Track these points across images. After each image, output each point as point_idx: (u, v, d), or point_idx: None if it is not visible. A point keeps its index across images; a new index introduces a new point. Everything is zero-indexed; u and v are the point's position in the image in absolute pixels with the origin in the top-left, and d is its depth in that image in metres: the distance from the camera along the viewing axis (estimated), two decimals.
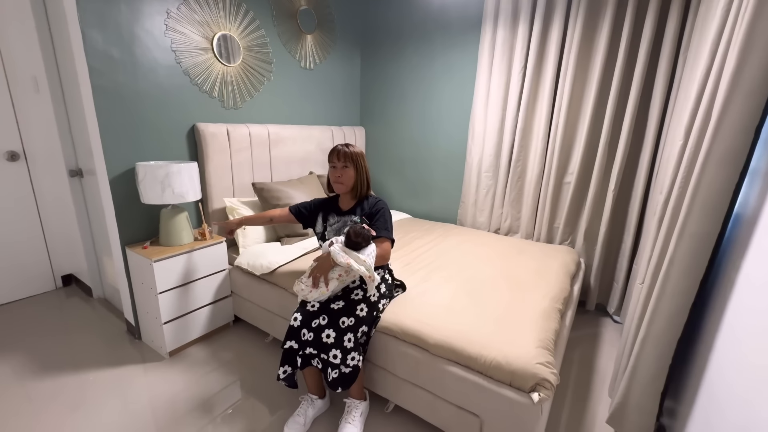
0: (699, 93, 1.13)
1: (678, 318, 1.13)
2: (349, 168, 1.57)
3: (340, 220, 1.63)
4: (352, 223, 1.58)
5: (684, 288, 1.10)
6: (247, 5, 2.22)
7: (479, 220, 2.79)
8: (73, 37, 1.66)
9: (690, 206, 1.03)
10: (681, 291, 1.10)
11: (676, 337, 1.16)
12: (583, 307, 2.48)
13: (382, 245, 1.55)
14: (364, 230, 1.48)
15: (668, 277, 1.11)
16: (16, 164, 2.30)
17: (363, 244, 1.48)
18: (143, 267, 1.80)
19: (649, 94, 2.09)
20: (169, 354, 1.90)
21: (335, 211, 1.68)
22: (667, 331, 1.15)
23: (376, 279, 1.44)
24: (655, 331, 1.18)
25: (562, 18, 2.21)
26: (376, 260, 1.49)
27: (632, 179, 2.24)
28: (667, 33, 1.95)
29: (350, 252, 1.45)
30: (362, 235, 1.47)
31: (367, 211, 1.61)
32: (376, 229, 1.55)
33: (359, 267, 1.40)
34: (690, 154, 1.08)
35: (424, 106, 2.94)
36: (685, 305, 1.11)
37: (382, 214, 1.60)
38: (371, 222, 1.58)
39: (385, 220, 1.60)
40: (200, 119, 2.11)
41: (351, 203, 1.66)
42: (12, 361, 1.82)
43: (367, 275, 1.41)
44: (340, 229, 1.60)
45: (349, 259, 1.41)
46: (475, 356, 1.28)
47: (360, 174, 1.60)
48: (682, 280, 1.09)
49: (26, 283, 2.45)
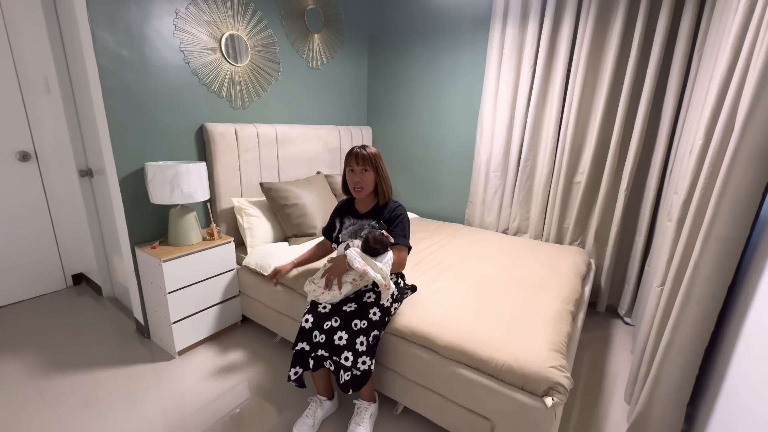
0: (722, 90, 1.10)
1: (704, 325, 1.09)
2: (369, 171, 1.53)
3: (356, 223, 1.59)
4: (370, 227, 1.54)
5: (710, 294, 1.06)
6: (254, 5, 2.22)
7: (487, 220, 2.77)
8: (84, 38, 1.67)
9: (716, 208, 1.00)
10: (707, 297, 1.07)
11: (703, 345, 1.12)
12: (593, 309, 2.45)
13: (399, 253, 1.52)
14: (383, 237, 1.44)
15: (693, 282, 1.07)
16: (27, 164, 2.33)
17: (381, 251, 1.44)
18: (152, 267, 1.80)
19: (663, 92, 2.05)
20: (178, 353, 1.90)
21: (351, 213, 1.64)
22: (693, 339, 1.11)
23: (392, 288, 1.41)
24: (681, 338, 1.14)
25: (572, 15, 2.18)
26: (392, 267, 1.46)
27: (644, 179, 2.20)
28: (682, 29, 1.91)
29: (367, 258, 1.41)
30: (381, 242, 1.43)
31: (386, 216, 1.57)
32: (394, 235, 1.51)
33: (376, 275, 1.37)
34: (714, 154, 1.05)
35: (432, 104, 2.92)
36: (712, 312, 1.07)
37: (401, 220, 1.56)
38: (389, 228, 1.54)
39: (404, 227, 1.56)
40: (209, 119, 2.11)
41: (369, 206, 1.61)
42: (25, 360, 1.84)
43: (383, 284, 1.37)
44: (357, 232, 1.57)
45: (366, 266, 1.37)
46: (486, 359, 1.26)
47: (381, 176, 1.55)
48: (708, 285, 1.06)
49: (38, 282, 2.48)
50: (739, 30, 1.07)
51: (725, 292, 1.08)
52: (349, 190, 1.60)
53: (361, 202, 1.64)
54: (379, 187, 1.56)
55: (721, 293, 1.08)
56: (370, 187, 1.56)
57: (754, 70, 0.92)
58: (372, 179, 1.54)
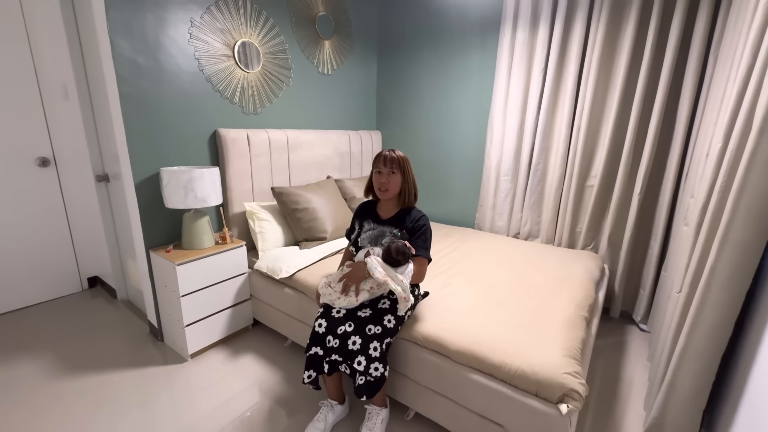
0: (740, 93, 1.08)
1: (721, 331, 1.07)
2: (396, 174, 1.50)
3: (377, 228, 1.55)
4: (392, 235, 1.50)
5: (727, 299, 1.04)
6: (267, 12, 2.26)
7: (498, 224, 2.75)
8: (102, 46, 1.71)
9: (733, 212, 0.98)
10: (724, 302, 1.04)
11: (720, 351, 1.09)
12: (607, 314, 2.41)
13: (420, 265, 1.49)
14: (406, 248, 1.41)
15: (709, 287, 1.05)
16: (46, 170, 2.39)
17: (402, 263, 1.42)
18: (166, 270, 1.83)
19: (677, 94, 2.02)
20: (191, 356, 1.92)
21: (372, 216, 1.60)
22: (709, 345, 1.09)
23: (411, 300, 1.38)
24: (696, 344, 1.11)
25: (584, 18, 2.16)
26: (413, 277, 1.44)
27: (659, 183, 2.16)
28: (696, 31, 1.88)
29: (388, 268, 1.39)
30: (403, 254, 1.41)
31: (409, 225, 1.52)
32: (416, 246, 1.47)
33: (396, 287, 1.34)
34: (731, 157, 1.03)
35: (441, 108, 2.92)
36: (730, 317, 1.05)
37: (424, 231, 1.52)
38: (411, 237, 1.51)
39: (426, 238, 1.52)
40: (221, 125, 2.14)
41: (392, 212, 1.57)
42: (42, 361, 1.88)
43: (403, 296, 1.35)
44: (377, 238, 1.53)
45: (387, 277, 1.35)
46: (499, 364, 1.25)
47: (407, 181, 1.51)
48: (724, 290, 1.04)
49: (55, 285, 2.53)
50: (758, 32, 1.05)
51: (743, 297, 1.05)
52: (373, 191, 1.57)
53: (384, 207, 1.60)
54: (402, 191, 1.52)
55: (738, 298, 1.05)
56: (395, 190, 1.52)
57: None
58: (398, 182, 1.50)
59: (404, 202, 1.54)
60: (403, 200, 1.54)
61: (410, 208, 1.57)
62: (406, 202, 1.54)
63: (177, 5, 1.85)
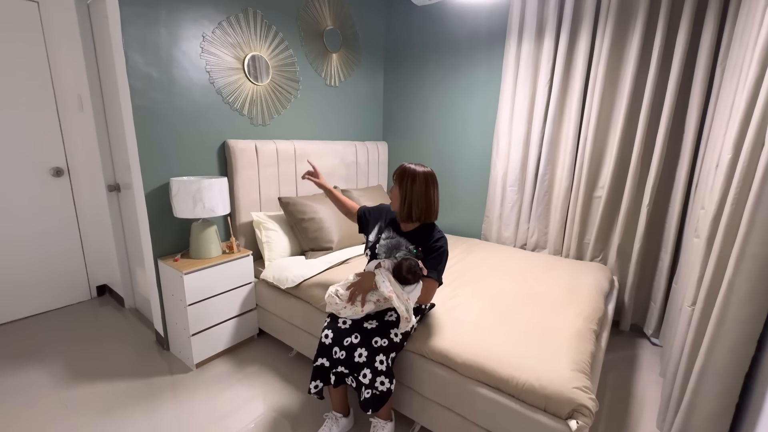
0: (749, 105, 1.07)
1: (744, 349, 1.03)
2: (395, 186, 1.50)
3: (395, 239, 1.52)
4: (408, 251, 1.48)
5: (748, 315, 1.01)
6: (276, 27, 2.31)
7: (504, 235, 2.73)
8: (117, 59, 1.77)
9: (750, 225, 0.95)
10: (745, 318, 1.01)
11: (743, 371, 1.05)
12: (617, 327, 2.36)
13: (429, 287, 1.45)
14: (418, 269, 1.39)
15: (728, 303, 1.02)
16: (60, 180, 2.44)
17: (412, 282, 1.40)
18: (174, 279, 1.84)
19: (685, 105, 2.01)
20: (196, 366, 1.92)
21: (393, 225, 1.58)
22: (731, 364, 1.05)
23: (413, 322, 1.36)
24: (717, 363, 1.07)
25: (589, 31, 2.18)
26: (419, 298, 1.41)
27: (668, 194, 2.14)
28: (703, 42, 1.88)
29: (395, 284, 1.38)
30: (414, 274, 1.39)
31: (428, 245, 1.48)
32: (429, 267, 1.44)
33: (400, 305, 1.32)
34: (743, 169, 1.01)
35: (447, 119, 2.94)
36: (752, 334, 1.01)
37: (440, 254, 1.47)
38: (426, 257, 1.47)
39: (441, 261, 1.48)
40: (231, 136, 2.18)
41: (411, 227, 1.53)
42: (50, 369, 1.89)
43: (405, 316, 1.33)
44: (392, 249, 1.50)
45: (392, 293, 1.34)
46: (507, 378, 1.23)
47: (406, 194, 1.46)
48: (745, 306, 1.00)
49: (65, 294, 2.56)
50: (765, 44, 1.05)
51: (765, 313, 1.02)
52: None
53: (401, 219, 1.54)
54: (402, 204, 1.48)
55: (760, 314, 1.02)
56: (396, 202, 1.51)
57: None
58: (396, 195, 1.49)
59: (406, 216, 1.48)
60: (404, 215, 1.48)
61: (431, 227, 1.52)
62: (411, 217, 1.48)
63: (190, 21, 1.91)
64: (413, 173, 1.47)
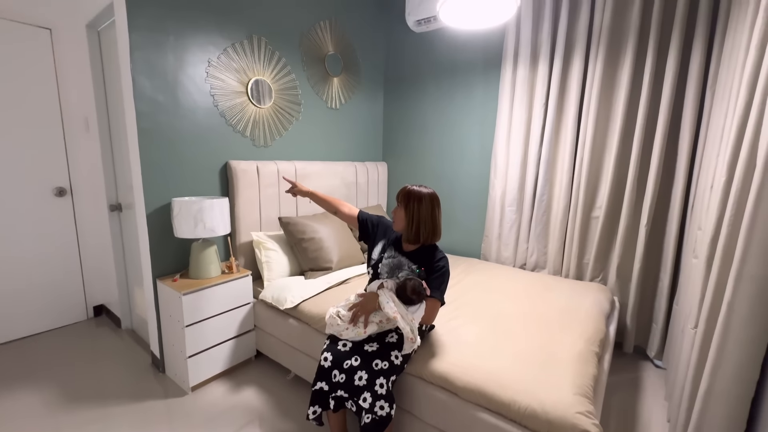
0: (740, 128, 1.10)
1: (749, 372, 1.02)
2: (400, 208, 1.50)
3: (397, 258, 1.53)
4: (410, 271, 1.48)
5: (750, 337, 1.00)
6: (280, 53, 2.39)
7: (504, 254, 2.73)
8: (125, 83, 1.82)
9: (746, 246, 0.96)
10: (747, 340, 1.00)
11: (749, 395, 1.03)
12: (620, 349, 2.32)
13: (432, 307, 1.45)
14: (422, 289, 1.40)
15: (729, 325, 1.01)
16: (62, 199, 2.47)
17: (416, 302, 1.41)
18: (172, 299, 1.83)
19: (677, 127, 2.06)
20: (192, 389, 1.88)
21: (396, 246, 1.59)
22: (736, 388, 1.03)
23: (418, 342, 1.36)
24: (722, 387, 1.06)
25: (582, 57, 2.25)
26: (422, 318, 1.41)
27: (665, 214, 2.16)
28: (692, 68, 1.95)
29: (399, 305, 1.37)
30: (418, 294, 1.39)
31: (430, 265, 1.49)
32: (431, 287, 1.45)
33: (405, 325, 1.32)
34: (737, 191, 1.03)
35: (445, 140, 2.99)
36: (755, 357, 1.00)
37: (443, 274, 1.48)
38: (429, 277, 1.48)
39: (443, 281, 1.49)
40: (233, 157, 2.21)
41: (412, 247, 1.54)
42: (43, 391, 1.85)
43: (410, 337, 1.32)
44: (394, 269, 1.50)
45: (397, 314, 1.33)
46: (508, 402, 1.21)
47: (412, 217, 1.47)
48: (746, 328, 1.00)
49: (62, 314, 2.53)
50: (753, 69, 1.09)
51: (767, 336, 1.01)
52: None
53: (406, 240, 1.56)
54: (408, 226, 1.49)
55: (762, 336, 1.01)
56: (400, 224, 1.51)
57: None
58: (402, 217, 1.50)
59: (413, 238, 1.50)
60: (411, 236, 1.49)
61: (432, 247, 1.53)
62: (417, 239, 1.50)
63: (197, 47, 1.98)
64: (419, 195, 1.47)
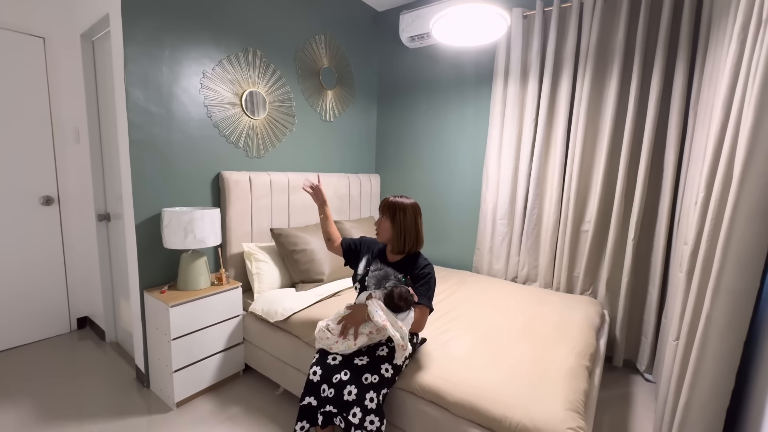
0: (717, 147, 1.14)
1: (724, 384, 1.04)
2: (385, 220, 1.53)
3: (383, 270, 1.55)
4: (397, 280, 1.49)
5: (726, 349, 1.03)
6: (275, 66, 2.42)
7: (495, 267, 2.74)
8: (118, 95, 1.82)
9: (722, 260, 1.00)
10: (724, 352, 1.03)
11: (724, 405, 1.06)
12: (610, 363, 2.33)
13: (421, 314, 1.46)
14: (409, 295, 1.41)
15: (707, 337, 1.04)
16: (49, 208, 2.42)
17: (404, 309, 1.41)
18: (159, 312, 1.80)
19: (663, 144, 2.12)
20: (177, 405, 1.83)
21: (381, 257, 1.61)
22: (713, 398, 1.06)
23: (409, 349, 1.36)
24: (700, 397, 1.08)
25: (570, 76, 2.32)
26: (412, 326, 1.42)
27: (653, 229, 2.20)
28: (675, 89, 2.02)
29: (389, 313, 1.37)
30: (406, 300, 1.40)
31: (415, 273, 1.52)
32: (419, 294, 1.46)
33: (395, 333, 1.32)
34: (715, 207, 1.07)
35: (437, 154, 3.03)
36: (731, 368, 1.03)
37: (428, 280, 1.51)
38: (415, 285, 1.49)
39: (430, 287, 1.51)
40: (225, 167, 2.21)
41: (396, 257, 1.57)
42: (19, 408, 1.78)
43: (401, 344, 1.32)
44: (381, 280, 1.52)
45: (386, 322, 1.33)
46: (500, 418, 1.20)
47: (398, 228, 1.51)
48: (722, 340, 1.03)
49: (44, 326, 2.46)
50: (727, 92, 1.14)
51: (741, 347, 1.04)
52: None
53: (390, 251, 1.60)
54: (394, 237, 1.53)
55: (736, 348, 1.04)
56: (386, 235, 1.54)
57: (744, 127, 0.97)
58: (387, 228, 1.52)
59: (402, 248, 1.53)
60: (400, 246, 1.53)
61: (416, 255, 1.56)
62: (404, 248, 1.53)
63: (192, 59, 1.99)
64: (403, 207, 1.52)
